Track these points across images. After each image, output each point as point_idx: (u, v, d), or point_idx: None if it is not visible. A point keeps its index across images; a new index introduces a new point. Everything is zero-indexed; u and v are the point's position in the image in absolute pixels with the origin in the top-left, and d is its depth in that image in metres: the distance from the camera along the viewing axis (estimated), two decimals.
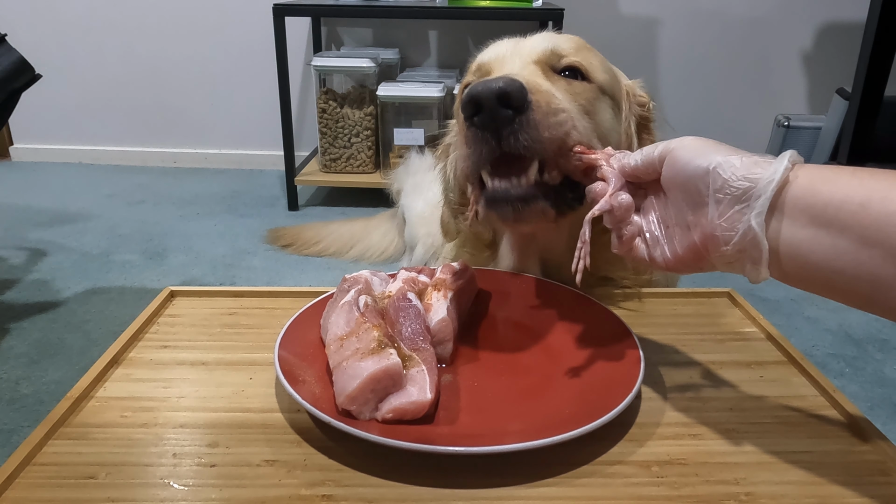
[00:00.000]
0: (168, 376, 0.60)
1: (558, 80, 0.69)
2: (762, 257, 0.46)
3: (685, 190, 0.50)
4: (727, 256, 0.48)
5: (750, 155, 0.48)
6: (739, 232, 0.46)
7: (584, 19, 2.56)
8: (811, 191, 0.44)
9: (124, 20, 2.68)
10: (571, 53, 0.71)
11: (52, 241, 2.01)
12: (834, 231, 0.43)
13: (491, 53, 0.74)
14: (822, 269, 0.44)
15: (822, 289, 0.46)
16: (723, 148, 0.49)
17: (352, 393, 0.50)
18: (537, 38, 0.73)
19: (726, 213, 0.47)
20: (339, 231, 1.95)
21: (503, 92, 0.57)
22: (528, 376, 0.59)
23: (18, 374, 1.32)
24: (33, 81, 1.37)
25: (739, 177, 0.46)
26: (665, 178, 0.52)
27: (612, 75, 0.76)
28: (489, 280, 0.74)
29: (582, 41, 0.75)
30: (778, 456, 0.50)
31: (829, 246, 0.43)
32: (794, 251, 0.45)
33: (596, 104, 0.70)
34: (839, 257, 0.43)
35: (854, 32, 2.45)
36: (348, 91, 2.40)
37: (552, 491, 0.46)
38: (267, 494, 0.46)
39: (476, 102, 0.58)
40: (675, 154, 0.51)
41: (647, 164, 0.54)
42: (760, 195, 0.45)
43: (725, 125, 2.73)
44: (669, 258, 0.53)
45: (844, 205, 0.42)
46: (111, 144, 2.87)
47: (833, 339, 1.50)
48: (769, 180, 0.45)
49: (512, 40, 0.75)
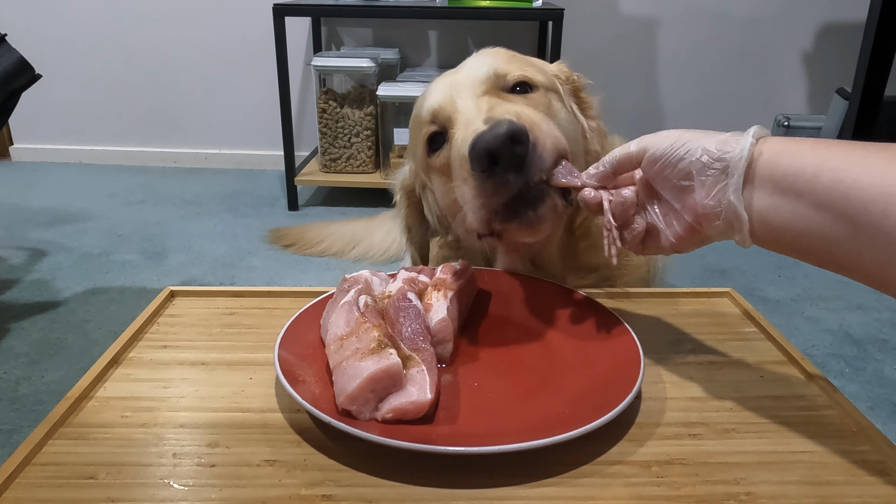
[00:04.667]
0: (168, 376, 0.60)
1: (514, 98, 0.71)
2: (744, 227, 0.51)
3: (670, 179, 0.55)
4: (719, 228, 0.53)
5: (719, 134, 0.53)
6: (723, 206, 0.51)
7: (584, 19, 2.56)
8: (774, 163, 0.49)
9: (124, 20, 2.68)
10: (511, 69, 0.73)
11: (52, 241, 2.01)
12: (792, 197, 0.48)
13: (436, 97, 0.74)
14: (785, 233, 0.49)
15: (788, 250, 0.51)
16: (695, 134, 0.54)
17: (352, 393, 0.50)
18: (470, 66, 0.76)
19: (711, 191, 0.52)
20: (342, 231, 1.95)
21: (512, 134, 0.59)
22: (528, 376, 0.59)
23: (18, 374, 1.32)
24: (33, 81, 1.37)
25: (715, 158, 0.52)
26: (648, 173, 0.57)
27: (544, 72, 0.78)
28: (489, 280, 0.74)
29: (507, 52, 0.78)
30: (778, 456, 0.50)
31: (789, 211, 0.48)
32: (763, 217, 0.50)
33: (550, 106, 0.74)
34: (797, 221, 0.48)
35: (854, 32, 2.44)
36: (348, 91, 2.40)
37: (552, 491, 0.46)
38: (267, 494, 0.46)
39: (491, 155, 0.60)
40: (653, 150, 0.56)
41: (622, 161, 0.59)
42: (734, 173, 0.50)
43: (725, 125, 2.69)
44: (674, 241, 0.58)
45: (800, 174, 0.48)
46: (111, 144, 2.87)
47: (833, 339, 1.50)
48: (739, 158, 0.50)
49: (447, 75, 0.77)
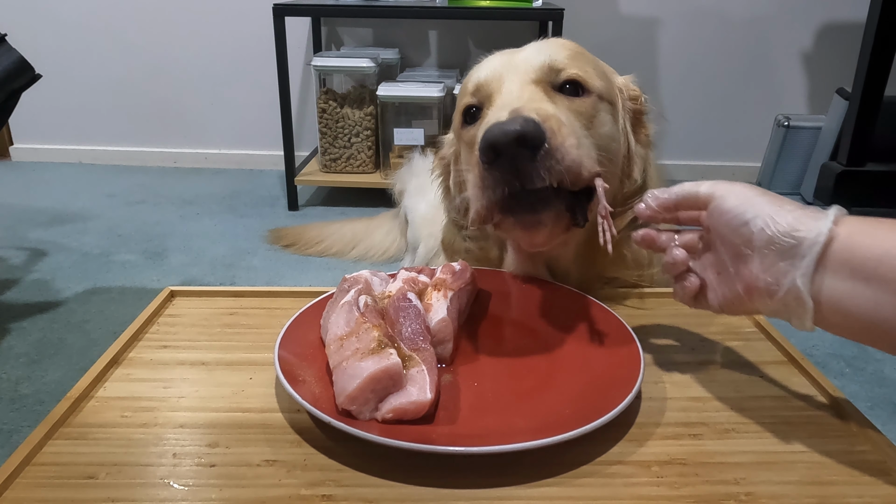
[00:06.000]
0: (168, 376, 0.60)
1: (560, 98, 0.68)
2: (807, 314, 0.47)
3: (729, 240, 0.51)
4: (771, 307, 0.49)
5: (794, 207, 0.49)
6: (784, 288, 0.48)
7: (584, 19, 2.56)
8: (851, 245, 0.46)
9: (124, 20, 2.68)
10: (568, 65, 0.70)
11: (52, 241, 2.01)
12: (874, 284, 0.44)
13: (486, 71, 0.72)
14: (863, 320, 0.46)
15: (864, 338, 0.47)
16: (768, 199, 0.50)
17: (352, 393, 0.50)
18: (531, 50, 0.72)
19: (770, 267, 0.48)
20: (342, 231, 1.95)
21: (521, 135, 0.57)
22: (528, 376, 0.59)
23: (18, 374, 1.32)
24: (33, 81, 1.37)
25: (785, 234, 0.47)
26: (710, 223, 0.53)
27: (606, 79, 0.75)
28: (489, 280, 0.74)
29: (575, 46, 0.74)
30: (778, 456, 0.50)
31: (870, 298, 0.45)
32: (836, 304, 0.46)
33: (596, 116, 0.70)
34: (880, 309, 0.44)
35: (854, 32, 2.44)
36: (348, 91, 2.40)
37: (552, 491, 0.46)
38: (267, 494, 0.46)
39: (494, 148, 0.58)
40: (722, 202, 0.52)
41: (688, 198, 0.55)
42: (805, 255, 0.46)
43: (725, 125, 2.73)
44: (721, 301, 0.54)
45: (884, 259, 0.44)
46: (111, 144, 2.87)
47: (833, 339, 1.50)
48: (814, 242, 0.46)
49: (505, 54, 0.74)
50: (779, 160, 2.59)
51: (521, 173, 0.59)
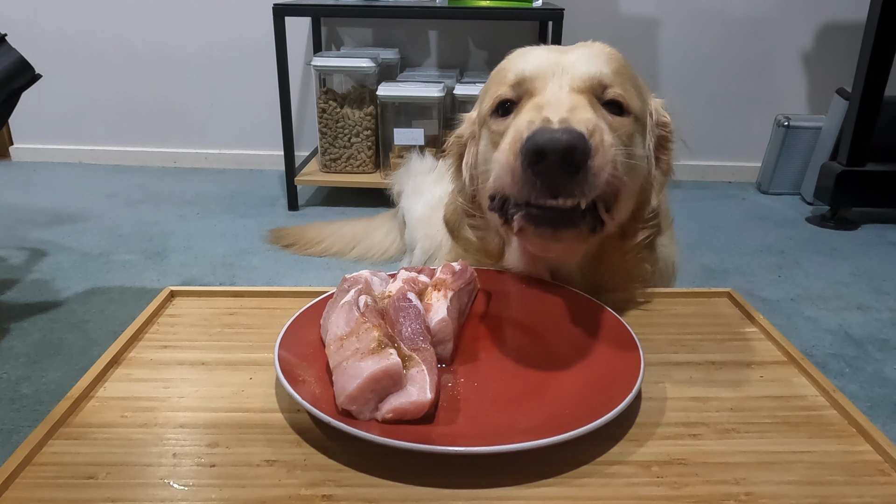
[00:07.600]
0: (168, 376, 0.60)
1: (603, 113, 0.68)
2: None
3: None
4: None
5: None
6: None
7: (584, 19, 2.56)
8: None
9: (124, 20, 2.68)
10: (614, 82, 0.69)
11: (52, 241, 2.01)
12: None
13: (531, 64, 0.70)
14: None
15: None
16: None
17: (352, 393, 0.50)
18: (580, 57, 0.71)
19: None
20: (342, 231, 1.95)
21: (571, 148, 0.57)
22: (528, 376, 0.59)
23: (18, 374, 1.32)
24: (33, 81, 1.37)
25: None
26: None
27: (644, 101, 0.74)
28: (489, 280, 0.74)
29: (620, 59, 0.73)
30: (778, 456, 0.50)
31: None
32: None
33: (632, 137, 0.70)
34: None
35: (854, 32, 2.44)
36: (348, 91, 2.40)
37: (552, 491, 0.46)
38: (267, 494, 0.46)
39: (541, 153, 0.58)
40: None
41: None
42: None
43: (725, 125, 2.73)
44: None
45: None
46: (111, 144, 2.87)
47: (833, 339, 1.50)
48: None
49: (552, 51, 0.72)
50: (779, 160, 2.59)
51: (556, 184, 0.59)
